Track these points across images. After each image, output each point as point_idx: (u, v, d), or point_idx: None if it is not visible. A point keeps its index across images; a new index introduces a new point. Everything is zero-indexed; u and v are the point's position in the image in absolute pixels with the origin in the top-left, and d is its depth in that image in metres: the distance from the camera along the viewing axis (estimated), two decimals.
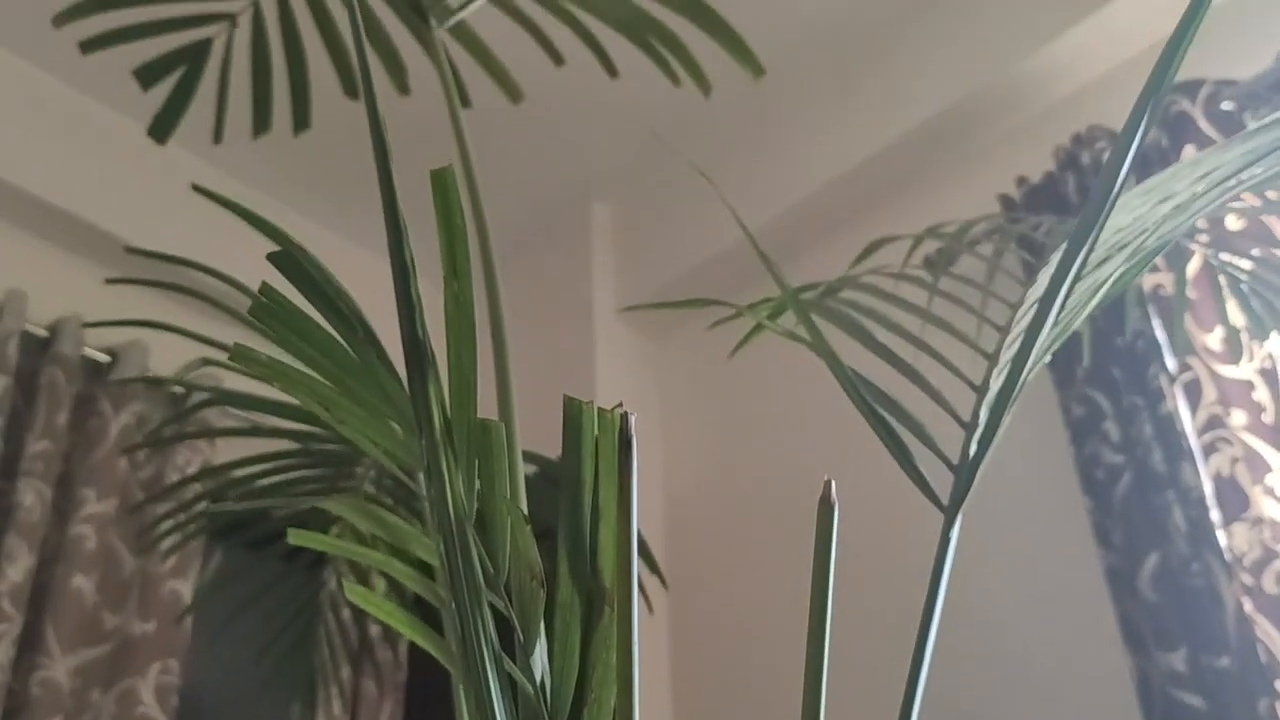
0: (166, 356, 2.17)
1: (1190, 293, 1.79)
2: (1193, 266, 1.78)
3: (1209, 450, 1.66)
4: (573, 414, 0.47)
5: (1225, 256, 1.27)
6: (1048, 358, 0.63)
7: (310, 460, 1.16)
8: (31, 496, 1.87)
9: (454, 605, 0.47)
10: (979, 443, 0.64)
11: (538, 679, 0.49)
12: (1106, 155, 1.89)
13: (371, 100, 0.58)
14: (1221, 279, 1.32)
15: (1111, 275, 0.64)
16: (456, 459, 0.50)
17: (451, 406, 0.50)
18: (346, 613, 1.71)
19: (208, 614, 2.12)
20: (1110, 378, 1.78)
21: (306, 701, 2.12)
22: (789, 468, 2.25)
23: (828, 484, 0.32)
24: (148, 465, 2.10)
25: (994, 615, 1.82)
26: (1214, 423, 1.67)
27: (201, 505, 1.29)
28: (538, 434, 1.25)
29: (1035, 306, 0.60)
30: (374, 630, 2.03)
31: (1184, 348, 1.72)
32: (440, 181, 0.52)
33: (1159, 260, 1.73)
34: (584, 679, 0.47)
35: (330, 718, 2.18)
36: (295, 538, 0.56)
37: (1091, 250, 0.57)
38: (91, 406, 2.06)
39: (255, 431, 1.12)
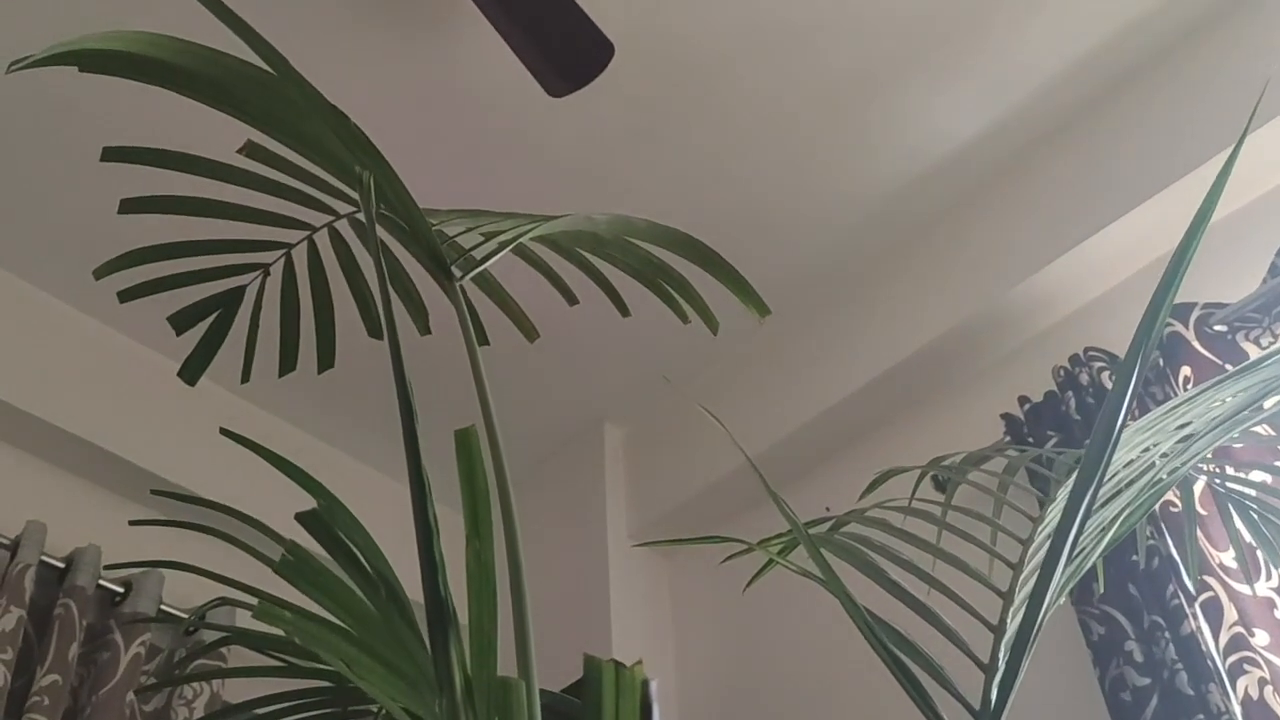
0: (181, 586, 2.17)
1: (1200, 509, 1.79)
2: (1199, 485, 1.80)
3: (1236, 673, 1.63)
4: (593, 673, 0.48)
5: (1231, 484, 1.28)
6: (1063, 599, 0.64)
7: (322, 699, 1.15)
8: None
9: None
10: (1000, 687, 0.64)
11: None
12: (1104, 374, 1.93)
13: (396, 349, 0.62)
14: (1229, 504, 1.33)
15: (1121, 511, 0.66)
16: (476, 718, 0.50)
17: (472, 664, 0.51)
18: None
19: None
20: (1129, 596, 1.76)
21: None
22: (804, 691, 2.20)
23: None
24: (155, 699, 2.07)
25: None
26: (1238, 643, 1.65)
27: None
28: (552, 662, 1.24)
29: (1048, 543, 0.62)
30: None
31: (1200, 567, 1.71)
32: (464, 442, 0.55)
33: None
34: None
35: None
36: None
37: (1100, 487, 0.59)
38: (103, 638, 2.04)
39: (268, 671, 1.12)
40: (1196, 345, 1.85)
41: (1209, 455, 1.56)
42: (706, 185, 2.27)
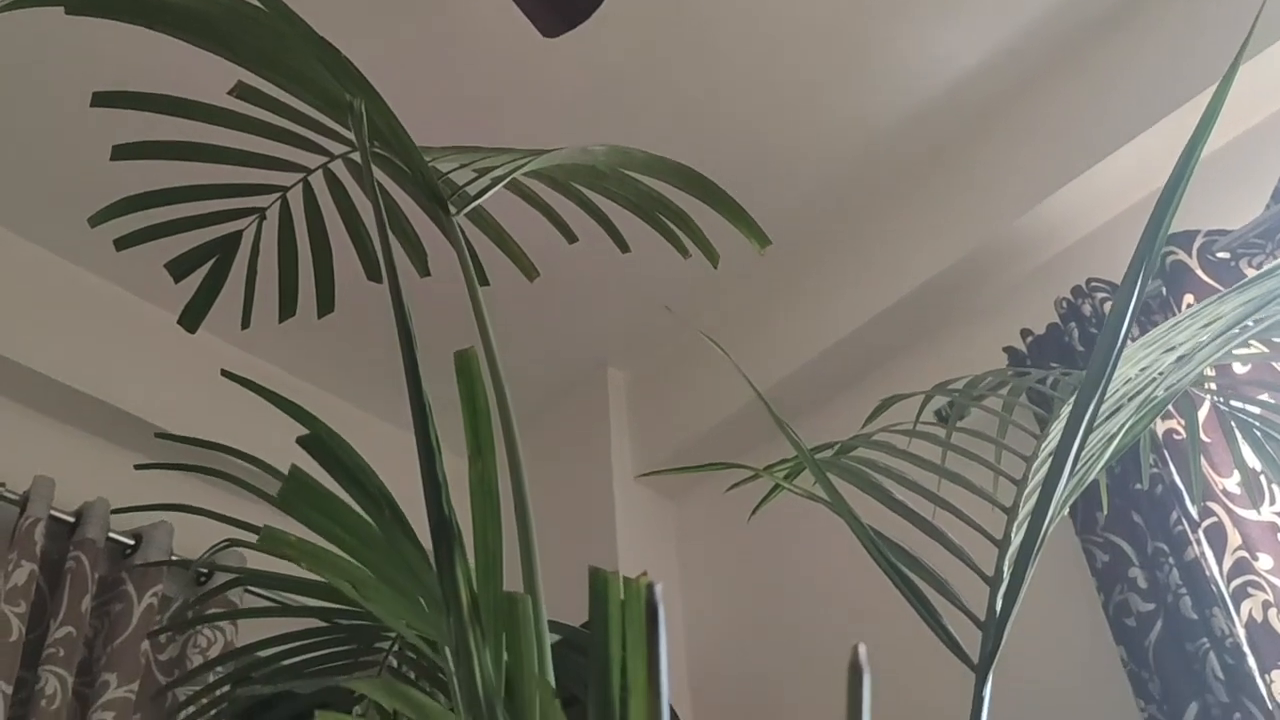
0: (190, 537, 2.18)
1: (1204, 437, 1.80)
2: (1204, 411, 1.80)
3: (1240, 596, 1.64)
4: (599, 585, 0.49)
5: (1235, 403, 1.28)
6: (1066, 509, 0.64)
7: (333, 637, 1.16)
8: (54, 684, 1.85)
9: None
10: (1005, 598, 0.64)
11: None
12: (1107, 305, 1.93)
13: (396, 288, 0.61)
14: (1234, 424, 1.33)
15: (1123, 426, 0.66)
16: (484, 635, 0.51)
17: (478, 582, 0.51)
18: None
19: None
20: (1132, 523, 1.77)
21: None
22: (812, 624, 2.22)
23: (856, 650, 0.33)
24: (169, 647, 2.09)
25: None
26: (1242, 567, 1.66)
27: (224, 689, 1.28)
28: (560, 597, 1.25)
29: (1050, 459, 0.62)
30: None
31: (1203, 493, 1.71)
32: (463, 363, 0.55)
33: (1170, 405, 1.74)
34: None
35: None
36: (323, 718, 0.57)
37: (1101, 403, 0.59)
38: (115, 590, 2.06)
39: (279, 611, 1.13)
40: (1199, 273, 1.84)
41: (1212, 374, 1.56)
42: (705, 123, 2.25)
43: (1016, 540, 0.68)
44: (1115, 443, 0.66)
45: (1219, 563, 1.67)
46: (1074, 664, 1.83)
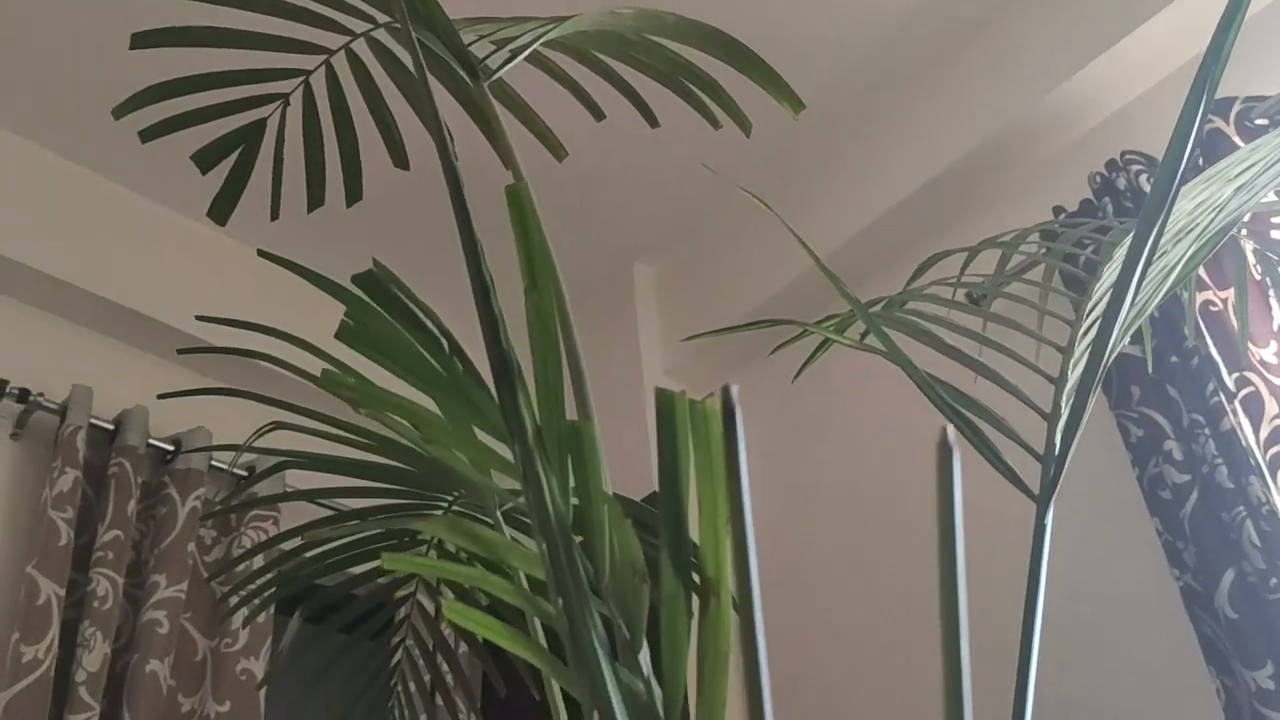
0: (228, 442, 2.21)
1: None
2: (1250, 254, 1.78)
3: (1276, 464, 1.64)
4: (666, 406, 0.48)
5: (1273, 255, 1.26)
6: (1127, 339, 0.63)
7: (380, 518, 1.17)
8: (105, 586, 1.89)
9: (563, 606, 0.47)
10: (1064, 431, 0.64)
11: (646, 675, 0.49)
12: (1143, 178, 1.89)
13: (441, 136, 0.60)
14: (1269, 282, 1.31)
15: (1182, 257, 0.65)
16: (550, 463, 0.51)
17: (540, 413, 0.51)
18: (413, 685, 1.70)
19: (279, 693, 2.12)
20: (1168, 397, 1.76)
21: None
22: (844, 517, 2.23)
23: (944, 430, 0.33)
24: (215, 548, 2.13)
25: (1069, 646, 1.79)
26: (1278, 436, 1.65)
27: (273, 574, 1.30)
28: None
29: (1109, 293, 0.61)
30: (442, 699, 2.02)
31: (1241, 363, 1.70)
32: (515, 197, 0.54)
33: (1209, 276, 1.72)
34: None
35: None
36: (390, 561, 0.57)
37: (1165, 224, 0.57)
38: (159, 494, 2.09)
39: (326, 492, 1.14)
40: (1237, 140, 1.80)
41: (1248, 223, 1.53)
42: (722, 9, 2.20)
43: (1073, 377, 0.68)
44: (1174, 273, 0.65)
45: (1255, 432, 1.67)
46: (1107, 537, 1.85)
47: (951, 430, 0.32)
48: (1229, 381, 1.69)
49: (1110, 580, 1.82)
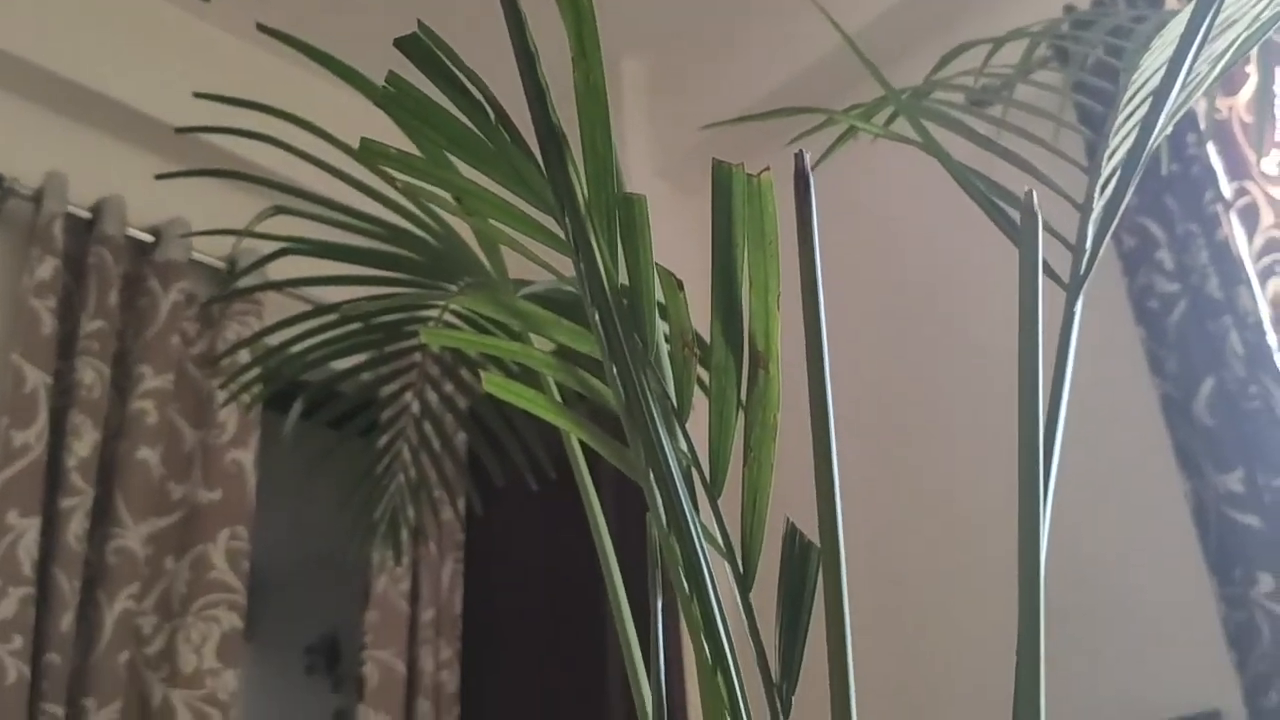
0: (211, 240, 2.16)
1: (1244, 117, 1.76)
2: (1246, 92, 1.75)
3: (1267, 274, 1.66)
4: (724, 179, 0.47)
5: None
6: (1171, 126, 0.62)
7: (379, 308, 1.16)
8: (91, 374, 1.89)
9: (617, 371, 0.47)
10: (1099, 223, 0.63)
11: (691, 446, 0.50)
12: None
13: None
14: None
15: (1232, 44, 0.63)
16: (599, 234, 0.50)
17: (590, 186, 0.50)
18: (403, 477, 1.73)
19: (269, 486, 2.16)
20: (1163, 206, 1.76)
21: (373, 561, 2.18)
22: (845, 316, 2.24)
23: (1029, 193, 0.32)
24: (200, 341, 2.12)
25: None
26: (1272, 245, 1.66)
27: (272, 365, 1.29)
28: None
29: (1163, 70, 0.59)
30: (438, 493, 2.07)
31: (1239, 172, 1.69)
32: None
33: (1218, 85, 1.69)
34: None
35: (393, 578, 2.24)
36: (429, 336, 0.57)
37: (1218, 13, 0.55)
38: (140, 285, 2.07)
39: (327, 280, 1.12)
40: None
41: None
42: None
43: (1109, 166, 0.67)
44: (1226, 59, 0.64)
45: (1249, 242, 1.68)
46: (1090, 350, 1.86)
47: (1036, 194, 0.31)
48: (1227, 190, 1.69)
49: (1087, 387, 1.85)
